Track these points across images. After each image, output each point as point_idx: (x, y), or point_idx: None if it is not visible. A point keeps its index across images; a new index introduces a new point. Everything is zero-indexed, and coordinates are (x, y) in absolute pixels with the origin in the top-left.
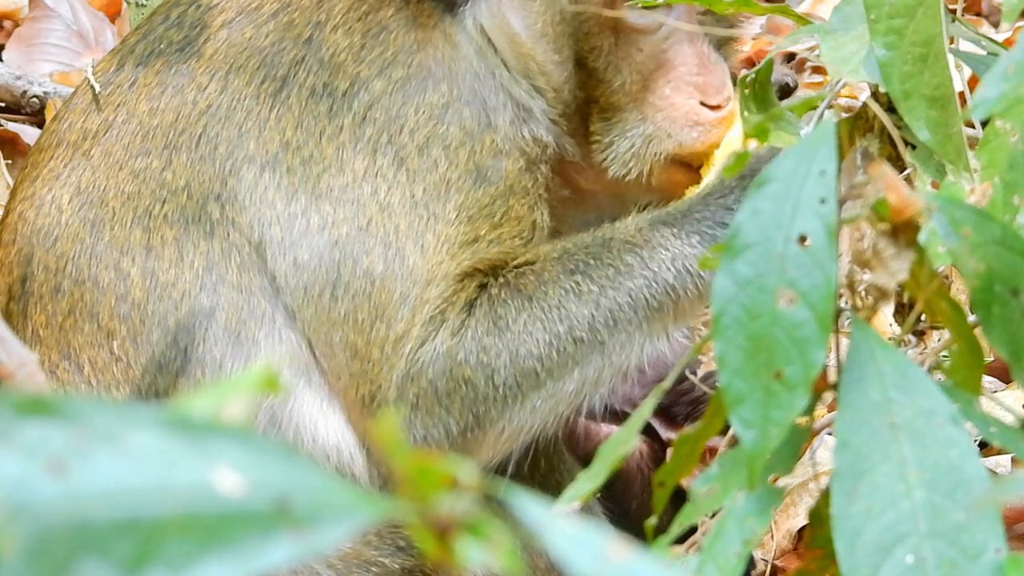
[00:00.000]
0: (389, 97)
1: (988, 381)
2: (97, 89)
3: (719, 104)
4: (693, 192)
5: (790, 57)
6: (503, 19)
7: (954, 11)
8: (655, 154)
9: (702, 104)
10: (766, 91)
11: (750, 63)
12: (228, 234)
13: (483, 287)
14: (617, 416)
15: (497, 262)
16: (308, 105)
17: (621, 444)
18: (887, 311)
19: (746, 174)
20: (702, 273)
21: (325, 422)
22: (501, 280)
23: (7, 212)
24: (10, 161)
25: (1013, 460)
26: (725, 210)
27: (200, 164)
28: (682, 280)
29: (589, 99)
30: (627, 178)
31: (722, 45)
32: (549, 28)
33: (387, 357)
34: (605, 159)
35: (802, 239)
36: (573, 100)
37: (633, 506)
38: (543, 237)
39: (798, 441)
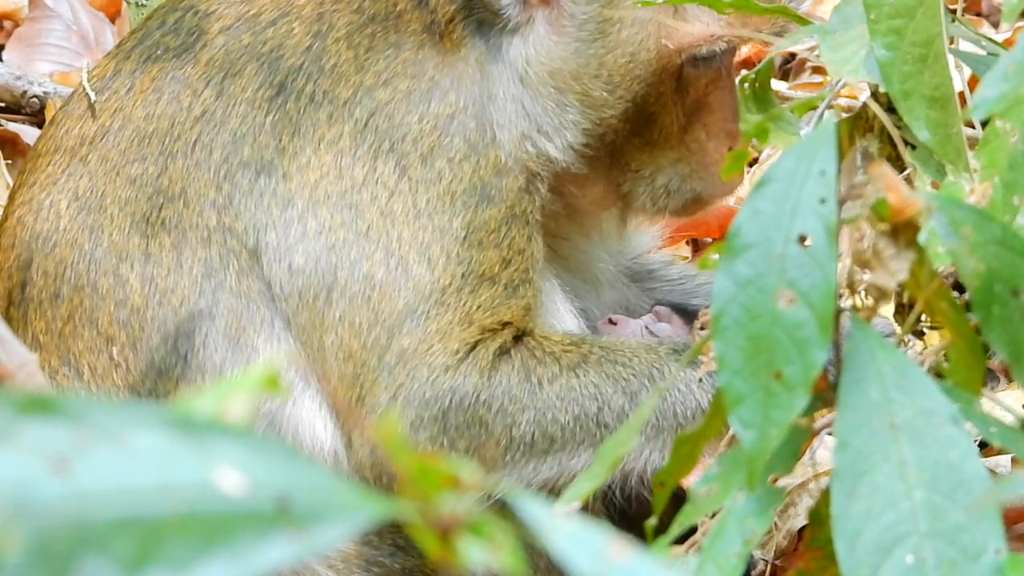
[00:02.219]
0: (392, 106)
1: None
2: (93, 98)
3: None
4: None
5: (790, 57)
6: (547, 53)
7: (954, 11)
8: (686, 192)
9: (730, 151)
10: (766, 91)
11: (750, 63)
12: (225, 240)
13: (519, 340)
14: None
15: (525, 321)
16: (307, 111)
17: (621, 444)
18: (887, 311)
19: None
20: None
21: (324, 426)
22: (544, 345)
23: (5, 216)
24: (10, 161)
25: (1013, 460)
26: None
27: (196, 170)
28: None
29: (632, 134)
30: (656, 210)
31: None
32: (606, 69)
33: (388, 368)
34: (635, 189)
35: (802, 239)
36: (612, 133)
37: (633, 506)
38: (539, 272)
39: (798, 441)
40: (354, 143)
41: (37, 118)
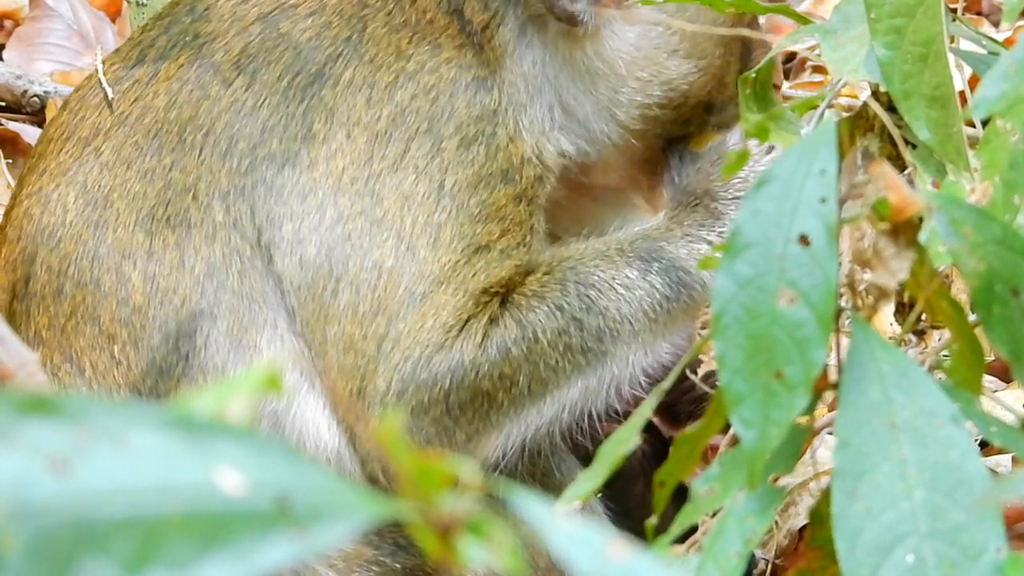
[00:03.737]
0: (437, 88)
1: (988, 381)
2: (110, 94)
3: None
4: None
5: (790, 57)
6: (623, 46)
7: (954, 10)
8: None
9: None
10: (766, 91)
11: None
12: (230, 238)
13: (505, 301)
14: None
15: (513, 277)
16: (343, 96)
17: (621, 444)
18: (887, 311)
19: (740, 177)
20: (694, 283)
21: (327, 427)
22: (527, 290)
23: (14, 205)
24: (10, 160)
25: (1013, 460)
26: (712, 215)
27: (213, 162)
28: (675, 291)
29: (706, 104)
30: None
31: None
32: (687, 42)
33: (386, 355)
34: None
35: (802, 239)
36: (686, 104)
37: (634, 506)
38: (539, 240)
39: (798, 441)
40: (391, 124)
41: (37, 118)
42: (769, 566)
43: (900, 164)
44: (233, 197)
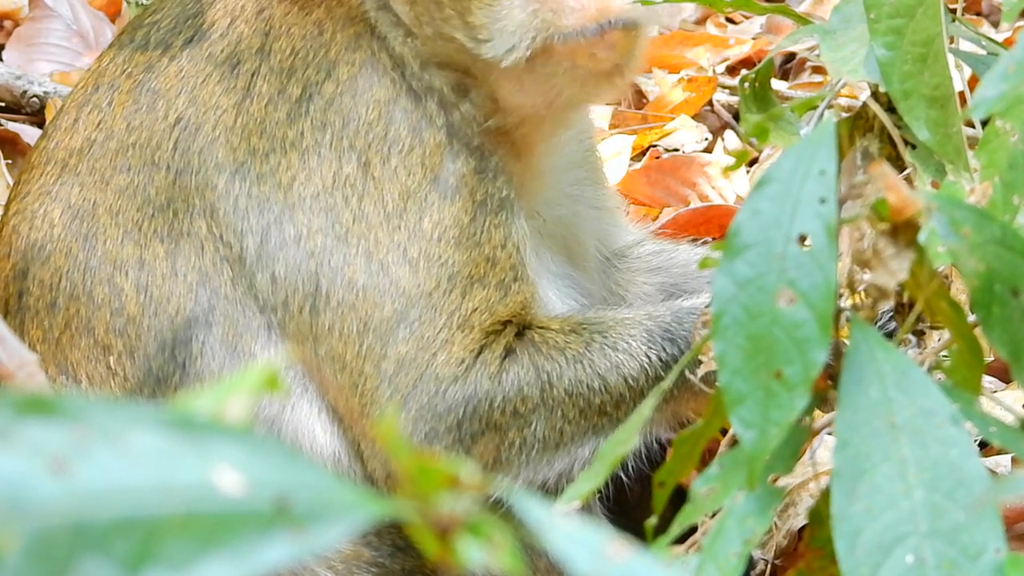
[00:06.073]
0: (340, 99)
1: (988, 381)
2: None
3: None
4: None
5: (790, 57)
6: None
7: (954, 11)
8: (539, 28)
9: None
10: (766, 91)
11: (750, 63)
12: (218, 248)
13: (521, 336)
14: None
15: (525, 314)
16: (268, 112)
17: (621, 444)
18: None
19: None
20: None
21: (323, 431)
22: (547, 337)
23: (0, 227)
24: (10, 161)
25: (1013, 460)
26: None
27: (179, 179)
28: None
29: None
30: (515, 56)
31: None
32: None
33: (387, 377)
34: (492, 48)
35: (802, 239)
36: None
37: (633, 506)
38: (528, 255)
39: (798, 441)
40: (316, 143)
41: (37, 118)
42: (768, 567)
43: (900, 164)
44: (208, 212)
